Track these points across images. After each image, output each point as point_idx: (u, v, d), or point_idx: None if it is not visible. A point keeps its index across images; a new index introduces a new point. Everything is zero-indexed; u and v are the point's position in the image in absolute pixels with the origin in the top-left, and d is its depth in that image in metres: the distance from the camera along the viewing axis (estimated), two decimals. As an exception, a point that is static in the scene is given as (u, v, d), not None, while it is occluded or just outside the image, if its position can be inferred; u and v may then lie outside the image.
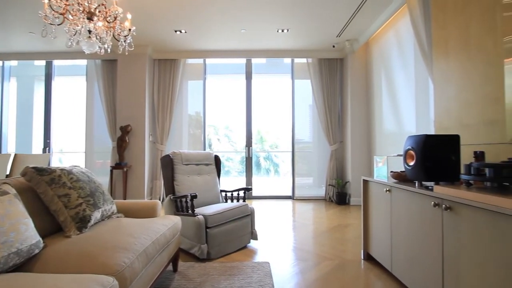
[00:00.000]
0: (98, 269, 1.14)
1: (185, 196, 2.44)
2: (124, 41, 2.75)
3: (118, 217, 1.85)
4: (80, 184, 1.64)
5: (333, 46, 4.82)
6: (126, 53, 2.87)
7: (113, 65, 4.96)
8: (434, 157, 1.55)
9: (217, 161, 3.14)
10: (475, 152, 1.51)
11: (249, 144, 5.37)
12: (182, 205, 2.50)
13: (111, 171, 4.68)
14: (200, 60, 5.28)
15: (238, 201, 2.88)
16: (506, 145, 1.62)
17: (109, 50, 2.80)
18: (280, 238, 2.94)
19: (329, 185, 4.99)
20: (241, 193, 2.93)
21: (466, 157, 1.81)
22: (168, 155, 2.77)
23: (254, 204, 4.78)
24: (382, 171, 2.11)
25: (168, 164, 2.73)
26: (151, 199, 4.98)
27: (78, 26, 2.45)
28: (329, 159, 5.05)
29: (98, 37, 2.60)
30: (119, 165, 4.57)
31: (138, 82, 4.79)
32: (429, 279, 1.50)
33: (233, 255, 2.45)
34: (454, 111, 2.06)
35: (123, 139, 4.62)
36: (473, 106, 1.89)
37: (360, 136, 4.74)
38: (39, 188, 1.50)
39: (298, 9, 3.57)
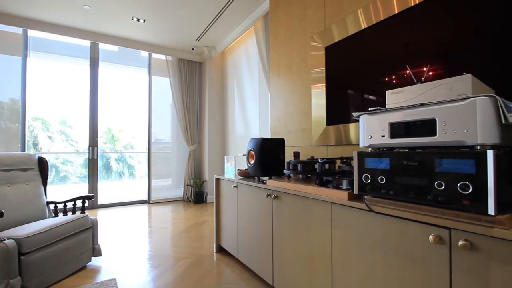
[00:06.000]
0: None
1: (-17, 217, 1.74)
2: None
3: None
4: None
5: (193, 49, 4.92)
6: None
7: None
8: (269, 156, 1.91)
9: (42, 164, 2.44)
10: (294, 152, 1.99)
11: (93, 144, 4.54)
12: (-24, 230, 1.77)
13: None
14: (19, 30, 3.94)
15: (74, 213, 2.37)
16: (312, 147, 2.25)
17: None
18: (132, 248, 2.67)
19: (187, 185, 5.05)
20: (80, 203, 2.44)
21: (289, 156, 2.36)
22: None
23: (101, 214, 4.09)
24: (231, 169, 2.37)
25: None
26: None
27: None
28: (188, 160, 5.11)
29: None
30: None
31: None
32: (263, 258, 1.84)
33: (66, 281, 1.99)
34: (283, 120, 2.62)
35: None
36: (294, 117, 2.48)
37: (215, 138, 5.10)
38: None
39: (155, 1, 3.38)
